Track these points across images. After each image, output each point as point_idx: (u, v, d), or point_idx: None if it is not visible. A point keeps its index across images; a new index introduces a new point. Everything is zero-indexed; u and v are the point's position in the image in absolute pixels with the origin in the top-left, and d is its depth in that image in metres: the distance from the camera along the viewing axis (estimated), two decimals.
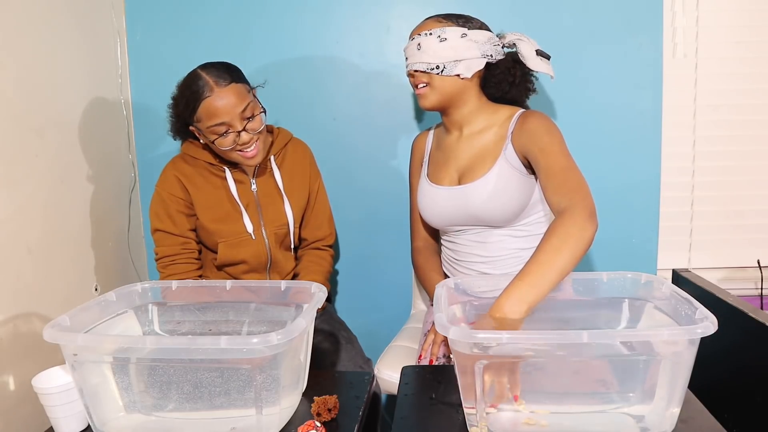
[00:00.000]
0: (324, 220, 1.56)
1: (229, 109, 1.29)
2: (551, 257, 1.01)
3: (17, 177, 1.29)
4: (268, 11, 1.74)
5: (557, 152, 1.20)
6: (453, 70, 1.29)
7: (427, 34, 1.29)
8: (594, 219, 1.06)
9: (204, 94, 1.29)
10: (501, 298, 0.99)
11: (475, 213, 1.32)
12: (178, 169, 1.43)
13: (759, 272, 1.80)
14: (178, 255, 1.42)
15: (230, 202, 1.44)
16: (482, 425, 0.88)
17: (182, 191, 1.41)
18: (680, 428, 0.89)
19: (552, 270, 1.00)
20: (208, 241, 1.45)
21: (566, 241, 1.03)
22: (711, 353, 0.98)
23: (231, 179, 1.43)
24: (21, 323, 1.27)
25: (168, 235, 1.41)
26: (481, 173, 1.31)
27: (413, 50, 1.31)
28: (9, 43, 1.28)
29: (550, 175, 1.17)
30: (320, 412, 0.96)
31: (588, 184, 1.14)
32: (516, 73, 1.36)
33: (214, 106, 1.29)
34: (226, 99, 1.29)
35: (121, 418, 0.94)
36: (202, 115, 1.31)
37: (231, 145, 1.32)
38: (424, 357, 1.27)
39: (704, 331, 0.80)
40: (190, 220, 1.43)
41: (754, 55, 1.75)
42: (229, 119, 1.30)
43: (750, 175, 1.80)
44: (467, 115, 1.36)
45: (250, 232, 1.43)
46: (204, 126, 1.32)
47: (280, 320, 1.12)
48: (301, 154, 1.55)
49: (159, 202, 1.41)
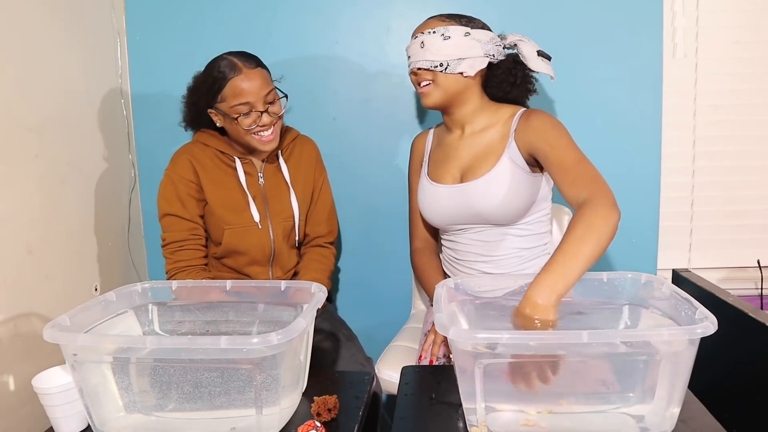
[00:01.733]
0: (326, 216, 1.57)
1: (255, 90, 1.34)
2: (576, 247, 1.02)
3: (17, 177, 1.29)
4: (268, 11, 1.74)
5: (567, 146, 1.21)
6: (456, 68, 1.29)
7: (430, 32, 1.30)
8: (616, 207, 1.07)
9: (231, 74, 1.34)
10: (530, 291, 1.00)
11: (477, 211, 1.32)
12: (190, 153, 1.45)
13: (759, 272, 1.80)
14: (186, 241, 1.42)
15: (239, 190, 1.45)
16: (482, 425, 0.88)
17: (193, 174, 1.43)
18: (680, 428, 0.89)
19: (578, 260, 1.01)
20: (215, 229, 1.45)
21: (590, 230, 1.03)
22: (711, 353, 0.98)
23: (241, 169, 1.45)
24: (21, 323, 1.27)
25: (177, 220, 1.42)
26: (483, 171, 1.31)
27: (416, 48, 1.32)
28: (9, 43, 1.28)
29: (564, 169, 1.17)
30: (320, 412, 0.96)
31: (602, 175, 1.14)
32: (517, 73, 1.36)
33: (241, 86, 1.33)
34: (253, 80, 1.34)
35: (121, 418, 0.94)
36: (227, 94, 1.34)
37: (251, 125, 1.35)
38: (425, 357, 1.27)
39: (704, 331, 0.80)
40: (199, 204, 1.44)
41: (753, 55, 1.75)
42: (254, 100, 1.34)
43: (750, 175, 1.79)
44: (469, 114, 1.36)
45: (257, 221, 1.44)
46: (227, 106, 1.35)
47: (280, 320, 1.12)
48: (309, 150, 1.57)
49: (169, 185, 1.42)
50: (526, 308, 0.99)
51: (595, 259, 1.03)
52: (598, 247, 1.03)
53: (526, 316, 0.98)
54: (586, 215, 1.06)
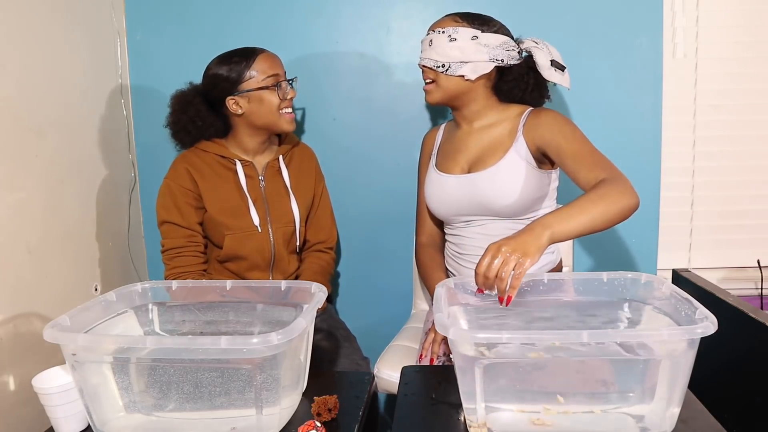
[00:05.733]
0: (326, 222, 1.59)
1: (280, 65, 1.44)
2: (586, 204, 1.02)
3: (17, 177, 1.29)
4: (268, 11, 1.74)
5: (581, 138, 1.23)
6: (458, 70, 1.30)
7: (440, 31, 1.31)
8: (636, 194, 1.07)
9: (258, 52, 1.42)
10: (529, 224, 1.00)
11: (482, 201, 1.33)
12: (187, 161, 1.46)
13: (759, 272, 1.79)
14: (184, 247, 1.43)
15: (239, 194, 1.46)
16: (482, 425, 0.88)
17: (191, 182, 1.44)
18: (680, 428, 0.89)
19: (583, 214, 1.01)
20: (215, 234, 1.46)
21: (603, 197, 1.04)
22: (711, 353, 0.98)
23: (242, 172, 1.46)
24: (21, 323, 1.27)
25: (175, 227, 1.43)
26: (490, 163, 1.33)
27: (426, 45, 1.34)
28: (9, 43, 1.28)
29: (581, 156, 1.18)
30: (320, 412, 0.96)
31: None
32: (529, 80, 1.36)
33: (270, 59, 1.42)
34: (276, 58, 1.44)
35: (121, 418, 0.94)
36: (258, 69, 1.39)
37: (282, 97, 1.41)
38: (425, 356, 1.27)
39: (704, 331, 0.80)
40: (197, 212, 1.45)
41: (753, 55, 1.75)
42: (281, 72, 1.43)
43: (750, 175, 1.79)
44: (475, 112, 1.38)
45: (256, 225, 1.45)
46: (257, 82, 1.39)
47: (280, 320, 1.12)
48: (308, 157, 1.60)
49: (167, 193, 1.44)
50: (519, 234, 0.98)
51: (598, 224, 1.02)
52: (605, 213, 1.02)
53: (502, 242, 0.96)
54: (604, 185, 1.06)
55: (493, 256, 0.96)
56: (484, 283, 0.97)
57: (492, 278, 0.95)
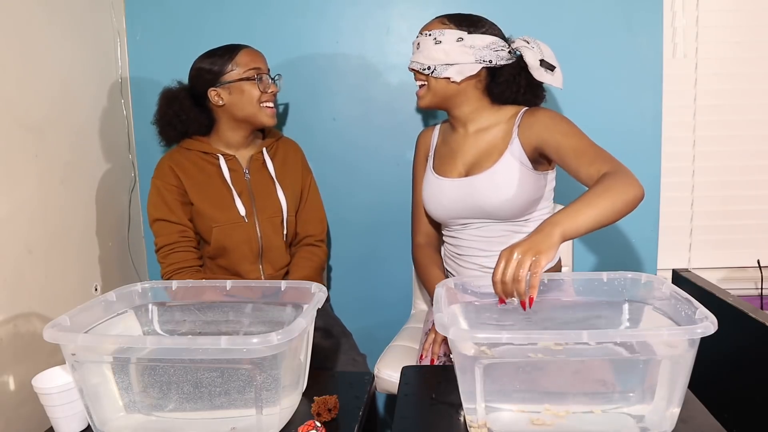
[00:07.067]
0: (316, 215, 1.60)
1: (262, 60, 1.48)
2: (592, 198, 1.02)
3: (17, 177, 1.29)
4: (269, 11, 1.74)
5: (579, 133, 1.22)
6: (443, 72, 1.30)
7: (427, 34, 1.31)
8: (640, 184, 1.06)
9: (241, 47, 1.45)
10: (540, 224, 0.99)
11: (480, 205, 1.33)
12: (171, 159, 1.48)
13: (759, 272, 1.79)
14: (177, 243, 1.44)
15: (224, 187, 1.47)
16: (482, 425, 0.88)
17: (175, 179, 1.46)
18: (680, 428, 0.89)
19: (591, 208, 1.00)
20: (204, 229, 1.47)
21: (609, 190, 1.03)
22: (711, 353, 0.98)
23: (225, 167, 1.48)
24: (21, 323, 1.27)
25: (166, 224, 1.44)
26: (487, 166, 1.33)
27: (414, 48, 1.34)
28: (9, 43, 1.28)
29: (582, 151, 1.17)
30: (320, 412, 0.96)
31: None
32: (521, 81, 1.33)
33: (252, 54, 1.46)
34: (259, 53, 1.48)
35: (121, 418, 0.94)
36: (240, 61, 1.43)
37: (262, 90, 1.43)
38: (425, 356, 1.27)
39: (704, 331, 0.80)
40: (186, 208, 1.47)
41: (753, 55, 1.75)
42: (263, 67, 1.46)
43: (750, 175, 1.79)
44: (469, 115, 1.37)
45: (242, 216, 1.46)
46: (238, 74, 1.42)
47: (280, 320, 1.12)
48: (293, 150, 1.61)
49: (155, 192, 1.46)
50: (530, 235, 0.96)
51: (607, 217, 1.01)
52: (613, 206, 1.01)
53: (514, 246, 0.95)
54: (609, 178, 1.05)
55: (507, 261, 0.94)
56: (503, 290, 0.95)
57: (509, 283, 0.94)
